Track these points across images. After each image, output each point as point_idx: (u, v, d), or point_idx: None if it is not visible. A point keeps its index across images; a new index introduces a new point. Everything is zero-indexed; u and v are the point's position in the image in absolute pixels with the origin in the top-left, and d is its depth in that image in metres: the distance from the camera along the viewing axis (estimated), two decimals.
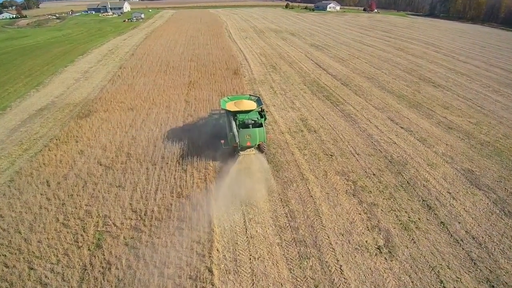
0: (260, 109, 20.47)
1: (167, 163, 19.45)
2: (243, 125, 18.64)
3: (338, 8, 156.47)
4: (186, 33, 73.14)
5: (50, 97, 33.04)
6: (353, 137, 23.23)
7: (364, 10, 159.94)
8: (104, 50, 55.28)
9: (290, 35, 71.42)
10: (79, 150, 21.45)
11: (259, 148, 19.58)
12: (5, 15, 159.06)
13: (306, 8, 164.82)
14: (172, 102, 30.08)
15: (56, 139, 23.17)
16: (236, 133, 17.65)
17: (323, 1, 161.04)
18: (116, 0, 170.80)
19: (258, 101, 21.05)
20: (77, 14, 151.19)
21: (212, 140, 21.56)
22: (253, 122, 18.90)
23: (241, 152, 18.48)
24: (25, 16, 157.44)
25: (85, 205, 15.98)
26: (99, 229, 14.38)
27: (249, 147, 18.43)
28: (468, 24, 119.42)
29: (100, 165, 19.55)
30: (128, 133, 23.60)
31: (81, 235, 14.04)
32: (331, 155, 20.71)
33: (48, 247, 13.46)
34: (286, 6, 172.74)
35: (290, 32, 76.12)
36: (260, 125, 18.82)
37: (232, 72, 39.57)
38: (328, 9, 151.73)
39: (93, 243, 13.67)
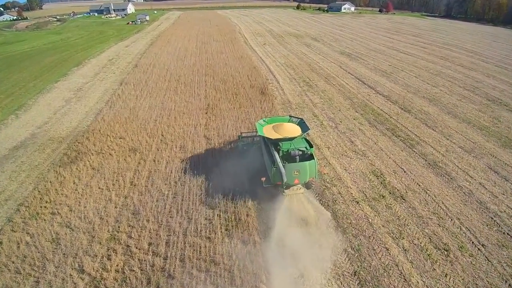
0: (307, 135, 16.76)
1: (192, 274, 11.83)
2: (289, 157, 14.60)
3: (353, 9, 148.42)
4: (196, 38, 65.68)
5: (30, 127, 25.77)
6: (461, 209, 15.57)
7: (380, 11, 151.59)
8: (104, 60, 47.92)
9: (312, 40, 63.66)
10: (54, 233, 13.98)
11: (307, 184, 15.22)
12: (5, 16, 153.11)
13: (319, 9, 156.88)
14: (188, 138, 22.55)
15: (26, 208, 15.79)
16: (282, 169, 13.65)
17: (337, 2, 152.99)
18: (119, 1, 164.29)
19: (302, 124, 16.94)
20: (79, 15, 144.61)
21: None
22: (300, 153, 14.72)
23: (286, 191, 14.45)
24: (26, 18, 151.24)
25: None
26: None
27: (296, 184, 14.57)
28: (490, 26, 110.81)
29: (82, 272, 12.02)
30: (128, 200, 16.06)
31: None
32: (446, 251, 13.04)
33: None
34: (298, 7, 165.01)
35: (312, 36, 68.34)
36: (310, 157, 14.70)
37: (258, 91, 31.95)
38: (342, 10, 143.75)
39: None
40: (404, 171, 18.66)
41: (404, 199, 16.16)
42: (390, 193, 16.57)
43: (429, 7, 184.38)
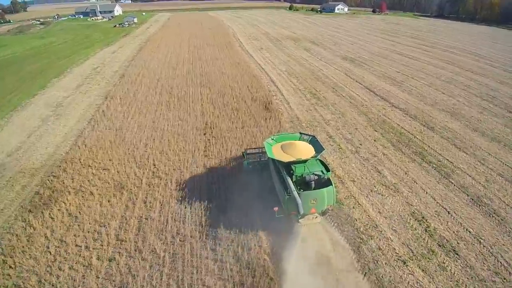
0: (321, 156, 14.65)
1: None
2: (303, 183, 12.99)
3: (346, 9, 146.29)
4: (188, 43, 61.94)
5: (0, 154, 21.94)
6: None
7: (373, 11, 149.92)
8: (88, 69, 43.88)
9: (311, 44, 60.62)
10: None
11: (323, 211, 13.42)
12: None
13: (312, 9, 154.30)
14: (185, 170, 19.12)
15: None
16: (298, 199, 12.07)
17: (329, 2, 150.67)
18: (106, 3, 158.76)
19: (315, 143, 15.27)
20: (63, 18, 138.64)
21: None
22: (316, 177, 13.02)
23: (301, 221, 12.99)
24: (9, 21, 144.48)
25: None
26: None
27: (312, 214, 13.03)
28: (484, 26, 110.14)
29: None
30: (113, 266, 12.56)
31: None
32: None
33: None
34: (290, 8, 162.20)
35: (310, 40, 65.31)
36: (327, 182, 13.08)
37: (262, 105, 28.64)
38: (336, 11, 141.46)
39: None
40: (448, 212, 15.60)
41: (457, 254, 13.08)
42: (440, 245, 13.47)
43: (420, 7, 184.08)
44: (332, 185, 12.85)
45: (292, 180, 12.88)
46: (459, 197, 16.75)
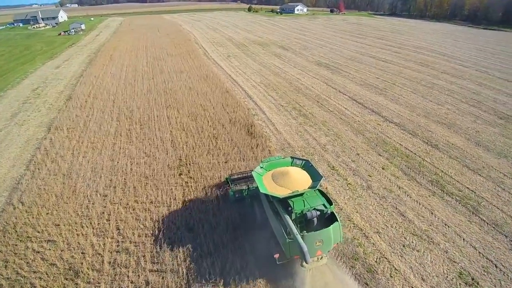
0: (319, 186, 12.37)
1: None
2: (303, 221, 11.29)
3: (305, 10, 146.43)
4: (146, 53, 55.82)
5: None
6: None
7: (331, 11, 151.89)
8: (26, 90, 36.64)
9: (280, 49, 57.49)
10: None
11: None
12: None
13: (272, 11, 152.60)
14: (163, 239, 14.45)
15: None
16: (303, 244, 10.14)
17: (289, 4, 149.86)
18: (50, 8, 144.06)
19: (310, 169, 13.42)
20: (0, 27, 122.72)
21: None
22: (318, 213, 11.35)
23: (306, 265, 10.74)
24: None
25: None
26: None
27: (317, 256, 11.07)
28: (435, 22, 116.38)
29: None
30: None
31: None
32: None
33: None
34: (249, 9, 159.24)
35: (278, 44, 62.21)
36: (332, 217, 11.40)
37: (243, 129, 24.55)
38: (296, 12, 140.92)
39: None
40: (496, 266, 12.80)
41: None
42: None
43: (374, 5, 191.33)
44: (337, 220, 11.32)
45: (291, 218, 11.20)
46: (498, 240, 14.09)
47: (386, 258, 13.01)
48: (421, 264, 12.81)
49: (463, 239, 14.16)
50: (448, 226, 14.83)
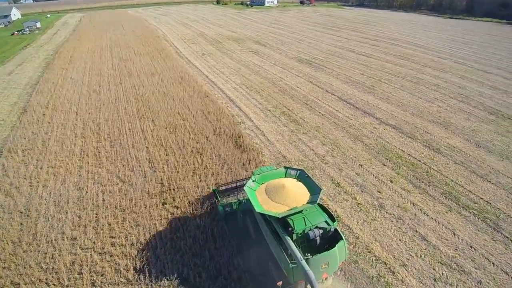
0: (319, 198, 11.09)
1: None
2: (305, 240, 10.39)
3: (275, 2, 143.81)
4: (111, 53, 50.96)
5: None
6: None
7: (301, 3, 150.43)
8: None
9: (257, 45, 54.78)
10: None
11: None
12: None
13: (242, 3, 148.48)
14: None
15: None
16: (309, 271, 9.15)
17: None
18: (1, 5, 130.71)
19: (306, 180, 12.21)
20: None
21: None
22: (321, 231, 10.44)
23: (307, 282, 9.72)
24: None
25: None
26: None
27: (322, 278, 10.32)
28: (403, 12, 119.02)
29: None
30: None
31: None
32: None
33: None
34: (218, 2, 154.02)
35: (254, 40, 59.38)
36: (336, 235, 10.57)
37: (230, 141, 21.96)
38: (266, 4, 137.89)
39: None
40: None
41: None
42: None
43: None
44: (342, 239, 10.46)
45: (292, 239, 10.19)
46: None
47: None
48: None
49: (493, 263, 12.73)
50: (475, 249, 13.35)
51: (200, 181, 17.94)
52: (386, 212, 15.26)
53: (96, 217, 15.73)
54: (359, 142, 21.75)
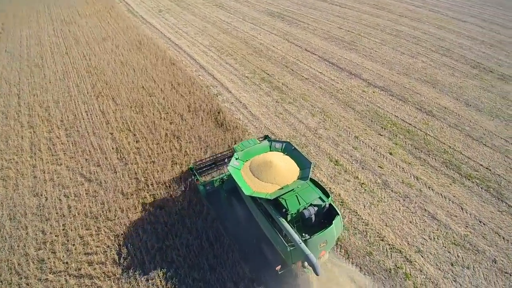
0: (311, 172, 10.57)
1: None
2: (300, 220, 9.79)
3: None
4: (50, 15, 42.98)
5: None
6: None
7: None
8: None
9: None
10: None
11: None
12: None
13: None
14: None
15: None
16: (309, 253, 8.73)
17: None
18: None
19: (293, 153, 11.42)
20: None
21: None
22: (316, 209, 9.84)
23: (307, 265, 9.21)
24: None
25: None
26: None
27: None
28: None
29: None
30: None
31: None
32: None
33: None
34: None
35: None
36: (331, 210, 10.02)
37: (209, 118, 19.37)
38: None
39: None
40: None
41: None
42: None
43: None
44: (338, 214, 9.96)
45: (287, 220, 9.58)
46: None
47: None
48: (477, 287, 10.66)
49: (503, 238, 12.40)
50: (484, 224, 12.89)
51: (182, 171, 15.63)
52: (392, 191, 14.22)
53: (63, 229, 13.23)
54: (350, 109, 20.12)
